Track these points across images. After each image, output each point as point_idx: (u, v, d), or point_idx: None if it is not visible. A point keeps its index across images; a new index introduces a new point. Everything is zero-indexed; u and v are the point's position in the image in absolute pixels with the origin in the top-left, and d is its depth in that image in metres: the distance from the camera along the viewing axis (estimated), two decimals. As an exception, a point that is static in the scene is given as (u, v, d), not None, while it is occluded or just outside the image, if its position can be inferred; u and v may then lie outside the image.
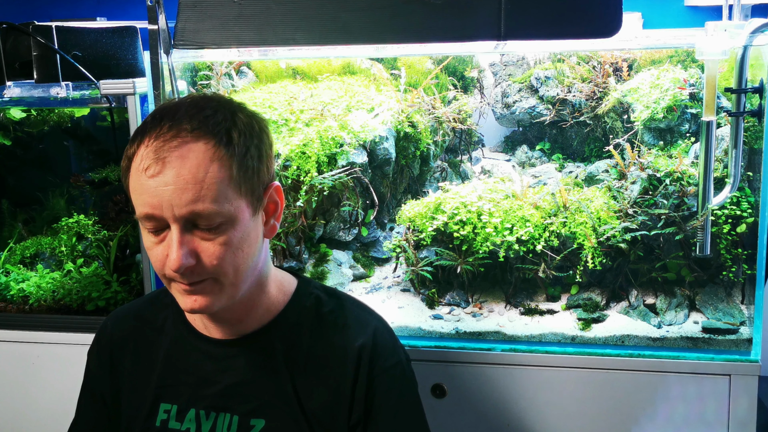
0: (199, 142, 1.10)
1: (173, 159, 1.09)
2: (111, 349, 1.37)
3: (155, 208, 1.10)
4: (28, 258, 2.29)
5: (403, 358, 1.32)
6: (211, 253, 1.12)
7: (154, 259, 1.15)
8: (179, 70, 1.92)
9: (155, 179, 1.09)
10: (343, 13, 1.61)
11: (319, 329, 1.29)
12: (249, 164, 1.15)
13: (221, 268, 1.13)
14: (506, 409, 1.78)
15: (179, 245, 1.10)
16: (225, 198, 1.11)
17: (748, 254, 1.79)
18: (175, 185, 1.08)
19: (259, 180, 1.17)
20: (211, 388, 1.27)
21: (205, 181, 1.09)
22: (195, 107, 1.14)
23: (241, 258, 1.15)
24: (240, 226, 1.14)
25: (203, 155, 1.10)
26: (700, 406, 1.71)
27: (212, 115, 1.14)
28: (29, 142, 2.42)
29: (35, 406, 2.06)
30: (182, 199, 1.08)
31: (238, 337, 1.28)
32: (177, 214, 1.09)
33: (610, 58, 2.10)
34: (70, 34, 2.00)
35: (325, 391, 1.25)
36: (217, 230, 1.12)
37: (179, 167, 1.09)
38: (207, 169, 1.10)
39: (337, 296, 1.35)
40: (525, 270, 1.91)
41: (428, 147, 2.18)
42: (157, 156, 1.09)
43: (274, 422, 1.24)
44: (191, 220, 1.11)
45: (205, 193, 1.09)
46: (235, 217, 1.13)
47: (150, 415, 1.29)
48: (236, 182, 1.12)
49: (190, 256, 1.11)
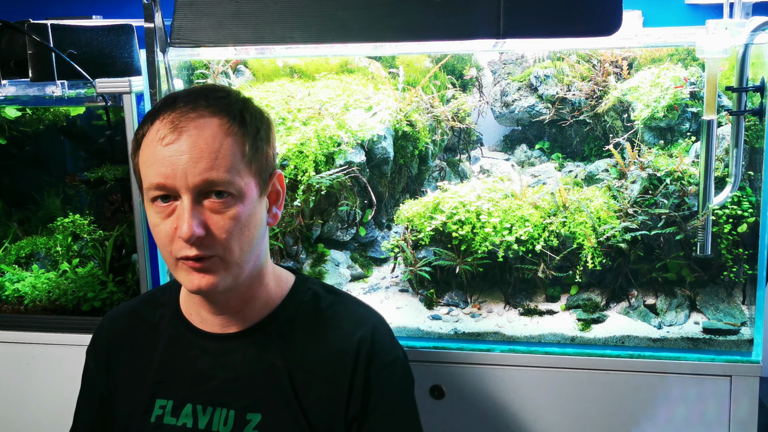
0: (214, 117, 1.15)
1: (190, 128, 1.13)
2: (108, 349, 1.37)
3: (168, 177, 1.13)
4: (23, 258, 2.29)
5: (401, 354, 1.32)
6: (221, 227, 1.15)
7: (162, 235, 1.16)
8: (176, 69, 1.92)
9: (170, 147, 1.13)
10: (340, 11, 1.60)
11: (317, 324, 1.29)
12: (260, 145, 1.20)
13: (229, 243, 1.16)
14: (505, 410, 1.77)
15: (191, 215, 1.13)
16: (237, 172, 1.15)
17: (749, 254, 1.78)
18: (190, 154, 1.12)
19: (266, 163, 1.22)
20: (207, 383, 1.27)
21: (221, 151, 1.14)
22: (208, 90, 1.21)
23: (247, 237, 1.18)
24: (248, 204, 1.18)
25: (218, 128, 1.15)
26: (700, 408, 1.70)
27: (225, 96, 1.20)
28: (24, 141, 2.41)
29: (31, 407, 2.05)
30: (197, 167, 1.12)
31: (235, 331, 1.28)
32: (191, 182, 1.12)
33: (610, 56, 2.10)
34: (65, 32, 2.00)
35: (322, 385, 1.25)
36: (226, 204, 1.15)
37: (196, 136, 1.13)
38: (222, 142, 1.14)
39: (335, 292, 1.36)
40: (524, 270, 1.90)
41: (427, 146, 2.17)
42: (174, 125, 1.14)
43: (271, 417, 1.24)
44: (203, 191, 1.14)
45: (219, 163, 1.13)
46: (244, 193, 1.17)
47: (146, 412, 1.29)
48: (248, 159, 1.17)
49: (201, 227, 1.13)
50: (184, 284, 1.19)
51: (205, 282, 1.17)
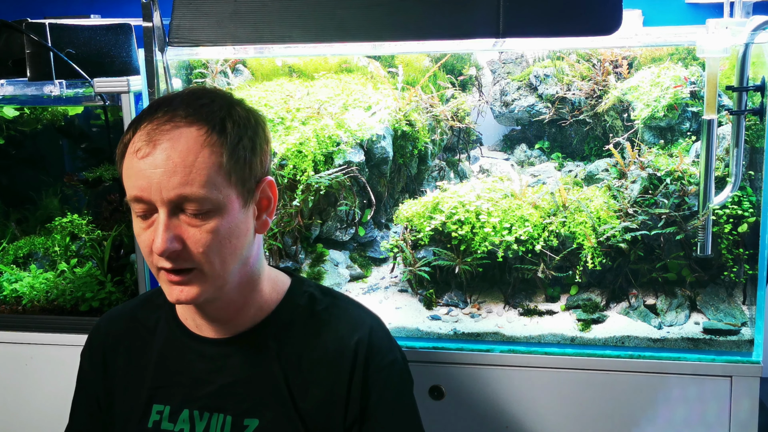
0: (191, 128, 1.12)
1: (164, 141, 1.10)
2: (104, 351, 1.36)
3: (144, 190, 1.11)
4: (21, 258, 2.28)
5: (399, 356, 1.31)
6: (197, 240, 1.12)
7: (143, 245, 1.16)
8: (174, 68, 1.91)
9: (145, 161, 1.10)
10: (339, 10, 1.60)
11: (313, 327, 1.28)
12: (240, 154, 1.15)
13: (207, 257, 1.13)
14: (505, 410, 1.77)
15: (165, 228, 1.11)
16: (214, 185, 1.11)
17: (750, 254, 1.78)
18: (164, 168, 1.09)
19: (251, 172, 1.18)
20: (204, 388, 1.26)
21: (195, 165, 1.10)
22: (192, 96, 1.17)
23: (228, 249, 1.16)
24: (228, 216, 1.14)
25: (194, 140, 1.11)
26: (701, 408, 1.70)
27: (208, 104, 1.15)
28: (22, 140, 2.41)
29: (28, 408, 2.05)
30: (171, 182, 1.09)
31: (231, 336, 1.27)
32: (165, 197, 1.10)
33: (610, 55, 2.10)
34: (63, 31, 1.99)
35: (319, 389, 1.24)
36: (204, 217, 1.12)
37: (169, 150, 1.10)
38: (197, 154, 1.11)
39: (332, 295, 1.34)
40: (524, 270, 1.90)
41: (426, 146, 2.17)
42: (149, 138, 1.11)
43: (268, 422, 1.23)
44: (179, 205, 1.11)
45: (194, 177, 1.10)
46: (223, 205, 1.13)
47: (143, 417, 1.28)
48: (226, 171, 1.13)
49: (176, 241, 1.12)
50: (166, 294, 1.18)
51: (185, 295, 1.15)
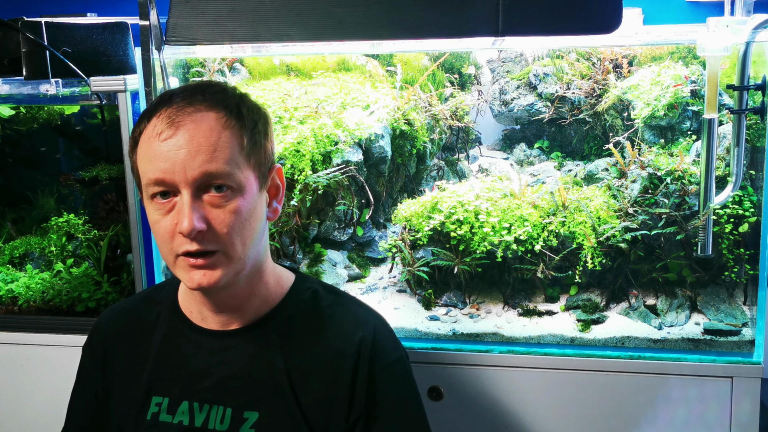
0: (211, 112, 1.16)
1: (187, 123, 1.13)
2: (104, 347, 1.37)
3: (167, 172, 1.13)
4: (17, 258, 2.28)
5: (404, 354, 1.32)
6: (222, 221, 1.15)
7: (162, 231, 1.16)
8: (171, 67, 1.91)
9: (168, 142, 1.13)
10: (337, 8, 1.60)
11: (317, 323, 1.28)
12: (258, 138, 1.20)
13: (230, 237, 1.16)
14: (504, 411, 1.76)
15: (191, 209, 1.12)
16: (236, 164, 1.15)
17: (751, 254, 1.78)
18: (188, 147, 1.12)
19: (265, 157, 1.23)
20: (204, 380, 1.26)
21: (219, 144, 1.14)
22: (204, 86, 1.21)
23: (248, 231, 1.18)
24: (248, 197, 1.17)
25: (216, 122, 1.15)
26: (701, 409, 1.69)
27: (221, 92, 1.20)
28: (18, 140, 2.40)
29: (24, 409, 2.04)
30: (196, 160, 1.12)
31: (233, 329, 1.28)
32: (189, 176, 1.12)
33: (610, 54, 2.09)
34: (59, 30, 1.98)
35: (321, 385, 1.24)
36: (227, 197, 1.15)
37: (193, 130, 1.13)
38: (220, 135, 1.14)
39: (335, 292, 1.35)
40: (523, 270, 1.89)
41: (425, 145, 2.16)
42: (171, 120, 1.14)
43: (268, 415, 1.23)
44: (203, 184, 1.14)
45: (218, 155, 1.13)
46: (244, 186, 1.17)
47: (141, 409, 1.29)
48: (247, 152, 1.17)
49: (202, 221, 1.13)
50: (185, 281, 1.18)
51: (207, 279, 1.16)
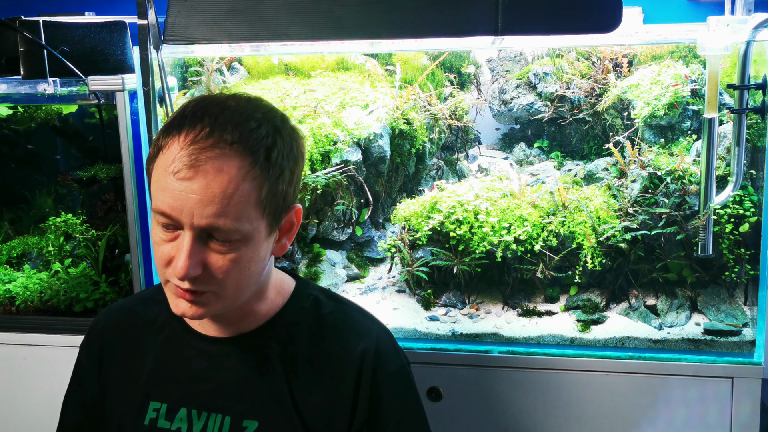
0: (236, 157, 1.07)
1: (207, 169, 1.06)
2: (101, 346, 1.35)
3: (175, 210, 1.08)
4: (14, 258, 2.27)
5: (405, 363, 1.31)
6: (219, 267, 1.11)
7: (160, 255, 1.13)
8: (169, 66, 1.91)
9: (182, 183, 1.07)
10: (336, 7, 1.59)
11: (318, 331, 1.27)
12: (279, 188, 1.13)
13: (224, 282, 1.12)
14: (504, 412, 1.76)
15: (189, 254, 1.08)
16: (247, 218, 1.10)
17: (751, 254, 1.77)
18: (201, 195, 1.06)
19: (284, 203, 1.16)
20: (203, 386, 1.25)
21: (233, 198, 1.07)
22: (240, 114, 1.11)
23: (245, 276, 1.15)
24: (252, 246, 1.13)
25: (237, 172, 1.07)
26: (702, 410, 1.69)
27: (256, 129, 1.10)
28: (16, 139, 2.40)
29: (21, 409, 2.03)
30: (205, 210, 1.07)
31: (233, 335, 1.26)
32: (196, 223, 1.07)
33: (610, 53, 2.09)
34: (57, 29, 1.98)
35: (322, 393, 1.23)
36: (230, 245, 1.11)
37: (210, 179, 1.06)
38: (237, 187, 1.08)
39: (336, 299, 1.34)
40: (523, 270, 1.88)
41: (424, 144, 2.15)
42: (190, 161, 1.06)
43: (268, 424, 1.22)
44: (207, 231, 1.09)
45: (229, 210, 1.08)
46: (250, 237, 1.12)
47: (139, 414, 1.27)
48: (262, 204, 1.11)
49: (198, 266, 1.10)
50: (171, 305, 1.16)
51: (192, 311, 1.14)
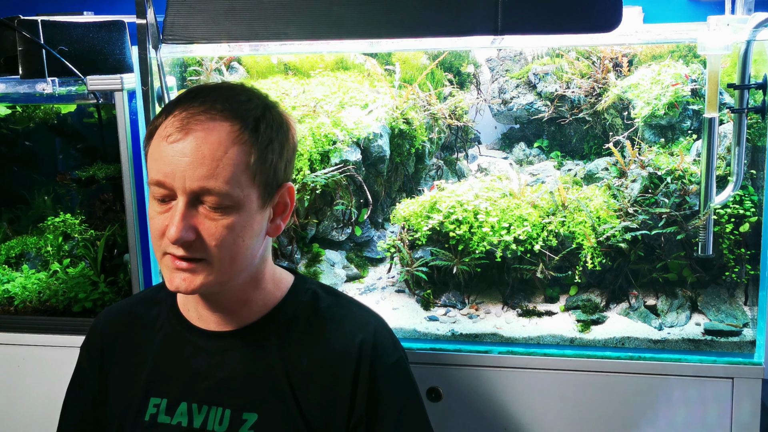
0: (225, 122, 1.13)
1: (196, 131, 1.12)
2: (101, 346, 1.36)
3: (167, 176, 1.12)
4: (13, 258, 2.27)
5: (403, 355, 1.32)
6: (212, 233, 1.14)
7: (155, 228, 1.16)
8: (168, 66, 1.90)
9: (174, 146, 1.11)
10: (336, 6, 1.59)
11: (316, 325, 1.28)
12: (269, 157, 1.17)
13: (218, 250, 1.14)
14: (503, 412, 1.75)
15: (181, 218, 1.12)
16: (237, 182, 1.13)
17: (752, 254, 1.77)
18: (192, 157, 1.11)
19: (275, 176, 1.19)
20: (203, 381, 1.26)
21: (222, 160, 1.11)
22: (231, 91, 1.18)
23: (239, 247, 1.17)
24: (245, 214, 1.16)
25: (227, 135, 1.12)
26: (702, 410, 1.68)
27: (245, 102, 1.17)
28: (14, 139, 2.40)
29: (21, 410, 2.03)
30: (196, 172, 1.10)
31: (232, 330, 1.27)
32: (187, 186, 1.11)
33: (610, 53, 2.08)
34: (56, 28, 1.98)
35: (321, 386, 1.24)
36: (222, 212, 1.14)
37: (201, 140, 1.11)
38: (227, 150, 1.12)
39: (335, 293, 1.35)
40: (523, 270, 1.88)
41: (423, 144, 2.15)
42: (182, 125, 1.12)
43: (267, 417, 1.23)
44: (199, 196, 1.13)
45: (219, 172, 1.11)
46: (243, 204, 1.15)
47: (139, 410, 1.28)
48: (252, 170, 1.15)
49: (190, 231, 1.13)
50: (166, 281, 1.18)
51: (186, 284, 1.16)
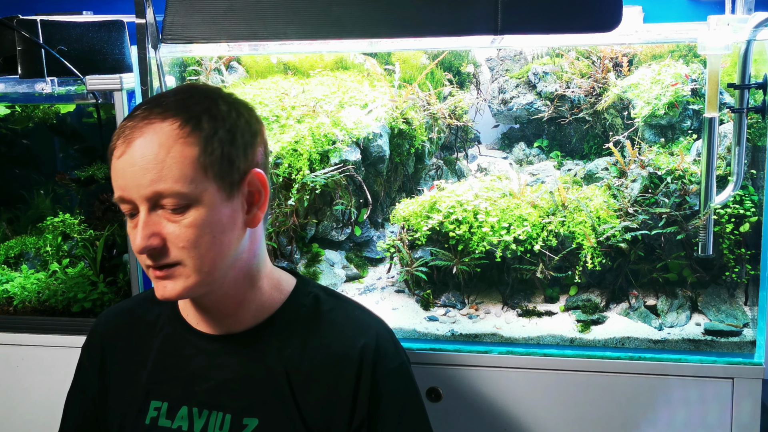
0: (164, 122, 1.12)
1: (138, 139, 1.11)
2: (102, 347, 1.36)
3: (124, 189, 1.12)
4: (12, 258, 2.27)
5: (405, 359, 1.31)
6: (177, 236, 1.12)
7: (131, 243, 1.17)
8: (167, 66, 1.90)
9: (122, 159, 1.12)
10: (335, 6, 1.59)
11: (318, 328, 1.27)
12: (216, 147, 1.14)
13: (188, 252, 1.13)
14: (503, 413, 1.75)
15: (143, 226, 1.12)
16: (189, 179, 1.11)
17: (752, 254, 1.76)
18: (138, 165, 1.10)
19: (231, 166, 1.16)
20: (203, 384, 1.25)
21: (167, 161, 1.10)
22: (175, 93, 1.18)
23: (211, 244, 1.15)
24: (207, 210, 1.14)
25: (166, 135, 1.11)
26: (702, 410, 1.68)
27: (185, 98, 1.16)
28: (13, 138, 2.40)
29: (19, 410, 2.03)
30: (144, 178, 1.10)
31: (232, 333, 1.26)
32: (141, 194, 1.11)
33: (610, 52, 2.08)
34: (55, 28, 1.98)
35: (322, 391, 1.23)
36: (182, 212, 1.12)
37: (142, 147, 1.11)
38: (170, 149, 1.11)
39: (337, 296, 1.34)
40: (522, 270, 1.88)
41: (423, 144, 2.15)
42: (125, 138, 1.12)
43: (268, 421, 1.22)
44: (156, 201, 1.12)
45: (166, 173, 1.10)
46: (200, 199, 1.13)
47: (140, 413, 1.28)
48: (202, 165, 1.12)
49: (154, 238, 1.12)
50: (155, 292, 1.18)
51: (169, 291, 1.15)
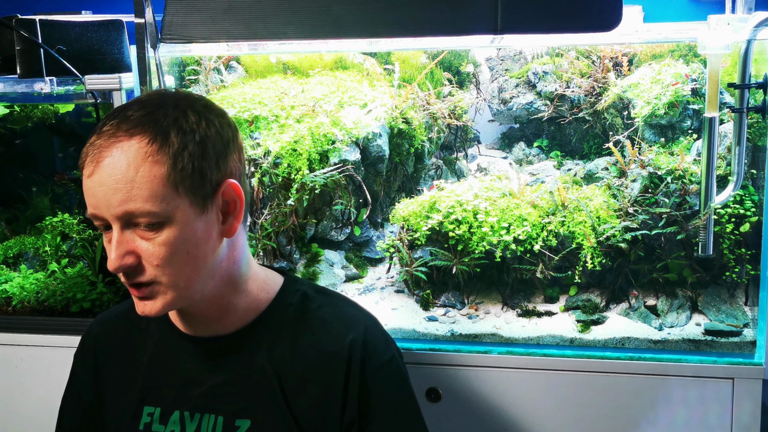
0: (132, 140, 1.09)
1: (105, 158, 1.09)
2: (95, 353, 1.36)
3: (95, 208, 1.11)
4: (11, 258, 2.26)
5: (396, 354, 1.30)
6: (151, 254, 1.11)
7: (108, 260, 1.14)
8: (167, 65, 1.90)
9: (92, 179, 1.10)
10: (335, 6, 1.59)
11: (306, 326, 1.27)
12: (187, 163, 1.11)
13: (163, 269, 1.12)
14: (503, 413, 1.75)
15: (117, 245, 1.11)
16: (159, 197, 1.09)
17: (752, 254, 1.76)
18: (107, 185, 1.09)
19: (202, 179, 1.13)
20: (196, 388, 1.25)
21: (136, 180, 1.08)
22: (143, 105, 1.14)
23: (186, 260, 1.14)
24: (182, 227, 1.12)
25: (134, 154, 1.09)
26: (702, 411, 1.68)
27: (152, 112, 1.12)
28: (12, 138, 2.39)
29: (18, 411, 2.02)
30: (114, 198, 1.09)
31: (221, 335, 1.26)
32: (113, 213, 1.10)
33: (610, 52, 2.08)
34: (54, 27, 1.97)
35: (313, 389, 1.23)
36: (155, 230, 1.11)
37: (111, 166, 1.08)
38: (138, 168, 1.09)
39: (325, 293, 1.33)
40: (522, 270, 1.87)
41: (423, 144, 2.14)
42: (93, 156, 1.10)
43: (261, 422, 1.22)
44: (128, 220, 1.10)
45: (136, 193, 1.08)
46: (173, 217, 1.11)
47: (134, 419, 1.28)
48: (173, 181, 1.10)
49: (129, 256, 1.11)
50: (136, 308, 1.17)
51: (148, 309, 1.15)
